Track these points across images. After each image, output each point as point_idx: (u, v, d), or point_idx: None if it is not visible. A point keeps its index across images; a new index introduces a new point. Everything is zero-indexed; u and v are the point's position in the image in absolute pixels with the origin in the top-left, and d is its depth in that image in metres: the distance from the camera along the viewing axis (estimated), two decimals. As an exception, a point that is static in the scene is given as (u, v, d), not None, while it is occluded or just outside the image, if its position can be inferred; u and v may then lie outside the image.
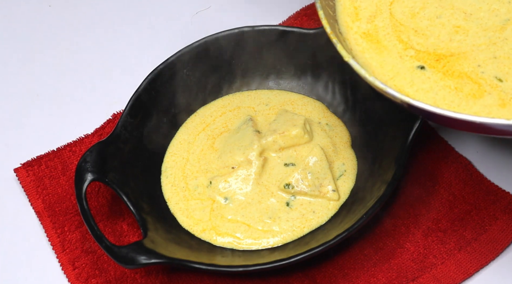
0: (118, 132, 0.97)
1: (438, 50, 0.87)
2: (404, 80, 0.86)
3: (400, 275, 0.91)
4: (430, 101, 0.84)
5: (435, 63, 0.86)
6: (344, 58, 0.84)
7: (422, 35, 0.89)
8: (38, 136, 1.05)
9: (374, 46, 0.89)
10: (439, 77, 0.85)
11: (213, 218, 0.95)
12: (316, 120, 1.01)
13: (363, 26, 0.91)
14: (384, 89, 0.81)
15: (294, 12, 1.12)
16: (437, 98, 0.84)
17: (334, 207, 0.95)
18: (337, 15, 0.92)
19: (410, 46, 0.88)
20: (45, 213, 0.98)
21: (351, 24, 0.91)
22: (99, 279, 0.93)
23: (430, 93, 0.84)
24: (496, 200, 0.95)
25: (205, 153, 1.00)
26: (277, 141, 0.98)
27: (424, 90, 0.85)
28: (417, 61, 0.87)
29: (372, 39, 0.89)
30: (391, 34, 0.89)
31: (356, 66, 0.83)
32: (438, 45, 0.87)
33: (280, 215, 0.95)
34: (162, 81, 1.01)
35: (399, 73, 0.86)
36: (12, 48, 1.14)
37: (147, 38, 1.13)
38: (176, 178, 0.99)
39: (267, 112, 1.03)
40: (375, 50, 0.88)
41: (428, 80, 0.85)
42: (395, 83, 0.86)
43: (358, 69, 0.83)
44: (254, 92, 1.05)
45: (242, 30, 1.03)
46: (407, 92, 0.85)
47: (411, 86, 0.85)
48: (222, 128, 1.02)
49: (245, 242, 0.94)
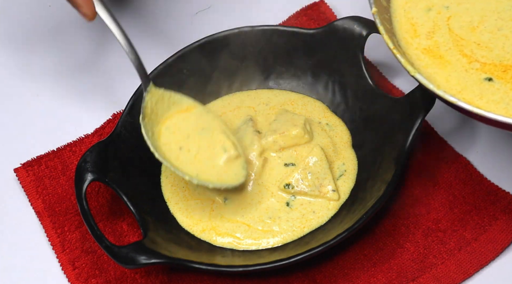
0: (118, 132, 0.97)
1: (504, 62, 0.87)
2: (473, 93, 0.86)
3: (400, 275, 0.91)
4: (502, 112, 0.84)
5: (503, 74, 0.87)
6: (410, 72, 0.85)
7: (485, 48, 0.89)
8: (38, 136, 1.05)
9: (437, 61, 0.89)
10: (509, 87, 0.86)
11: (212, 218, 0.95)
12: (316, 120, 1.01)
13: (423, 42, 0.91)
14: (455, 103, 0.82)
15: (294, 12, 1.12)
16: (508, 108, 0.84)
17: (334, 207, 0.95)
18: (395, 30, 0.92)
19: (474, 59, 0.88)
20: (45, 213, 0.98)
21: (410, 40, 0.91)
22: (99, 279, 0.93)
23: (501, 104, 0.85)
24: (496, 200, 0.95)
25: None
26: (277, 141, 0.98)
27: (494, 102, 0.85)
28: (484, 74, 0.87)
29: (434, 54, 0.89)
30: (453, 49, 0.90)
31: (423, 80, 0.84)
32: (503, 56, 0.88)
33: (280, 215, 0.95)
34: (162, 81, 1.01)
35: (466, 86, 0.87)
36: (12, 48, 1.14)
37: (147, 38, 1.13)
38: (176, 178, 0.99)
39: (267, 112, 1.03)
40: (438, 65, 0.89)
41: (498, 91, 0.86)
42: (464, 96, 0.86)
43: (426, 84, 0.84)
44: (254, 92, 1.05)
45: (242, 30, 1.03)
46: (477, 105, 0.85)
47: (480, 99, 0.86)
48: None
49: (245, 242, 0.94)
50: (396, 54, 0.86)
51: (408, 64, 0.85)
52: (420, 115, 0.93)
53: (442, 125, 1.02)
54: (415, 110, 0.94)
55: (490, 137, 1.00)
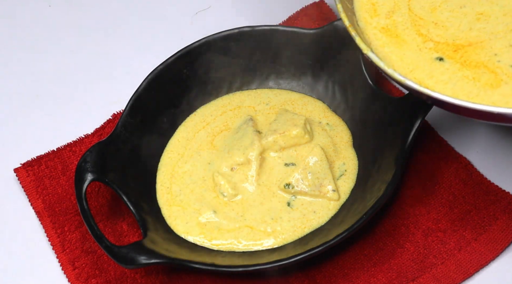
0: (118, 132, 0.97)
1: (457, 41, 0.87)
2: (423, 72, 0.86)
3: (400, 275, 0.91)
4: (449, 92, 0.84)
5: (453, 54, 0.87)
6: (363, 51, 0.85)
7: (442, 27, 0.89)
8: (38, 136, 1.05)
9: (394, 40, 0.89)
10: (457, 68, 0.86)
11: (208, 230, 0.95)
12: (316, 120, 1.01)
13: (382, 21, 0.91)
14: (403, 82, 0.82)
15: (294, 12, 1.12)
16: (455, 89, 0.84)
17: (335, 207, 0.95)
18: (355, 10, 0.92)
19: (429, 39, 0.88)
20: (45, 213, 0.98)
21: (369, 19, 0.91)
22: (99, 279, 0.93)
23: (449, 84, 0.85)
24: (496, 200, 0.95)
25: (204, 149, 1.00)
26: (278, 141, 0.98)
27: (443, 82, 0.85)
28: (436, 53, 0.87)
29: (391, 33, 0.89)
30: (410, 28, 0.90)
31: (375, 58, 0.84)
32: (457, 35, 0.88)
33: (281, 215, 0.95)
34: (162, 81, 1.01)
35: (418, 65, 0.87)
36: (12, 48, 1.14)
37: (147, 38, 1.13)
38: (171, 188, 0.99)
39: (267, 111, 1.03)
40: (394, 44, 0.89)
41: (447, 71, 0.86)
42: (415, 75, 0.86)
43: (377, 61, 0.84)
44: (254, 91, 1.05)
45: (242, 30, 1.03)
46: (426, 84, 0.85)
47: (430, 78, 0.86)
48: (223, 127, 1.02)
49: (245, 243, 0.93)
50: (351, 31, 0.86)
51: (361, 42, 0.85)
52: (420, 115, 0.93)
53: (442, 125, 1.02)
54: (415, 110, 0.94)
55: (490, 137, 1.00)
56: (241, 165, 0.97)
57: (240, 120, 1.02)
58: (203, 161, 0.99)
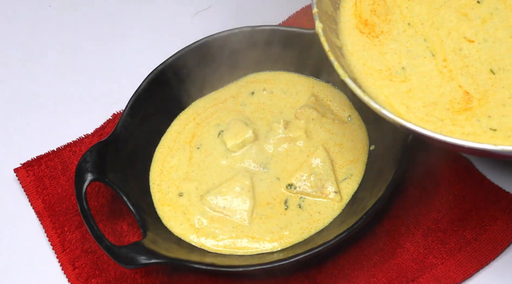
0: (118, 132, 0.97)
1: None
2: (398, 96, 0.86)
3: (400, 275, 0.91)
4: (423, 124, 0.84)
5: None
6: (341, 76, 0.85)
7: None
8: (38, 136, 1.05)
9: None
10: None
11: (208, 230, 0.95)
12: (339, 113, 1.00)
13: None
14: (378, 110, 0.82)
15: (294, 12, 1.12)
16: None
17: (339, 208, 0.94)
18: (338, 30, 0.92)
19: None
20: (45, 213, 0.98)
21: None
22: (99, 279, 0.93)
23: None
24: (496, 200, 0.95)
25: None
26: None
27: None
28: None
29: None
30: None
31: (352, 85, 0.84)
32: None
33: (291, 221, 0.94)
34: (162, 81, 1.01)
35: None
36: (12, 48, 1.14)
37: (147, 38, 1.13)
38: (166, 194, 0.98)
39: (267, 96, 1.02)
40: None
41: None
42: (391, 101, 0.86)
43: (354, 88, 0.84)
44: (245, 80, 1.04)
45: (242, 30, 1.03)
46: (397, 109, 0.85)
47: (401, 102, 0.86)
48: (213, 119, 1.01)
49: (245, 251, 0.93)
50: (330, 56, 0.86)
51: (339, 68, 0.85)
52: (420, 115, 0.93)
53: (442, 125, 1.02)
54: (415, 110, 0.94)
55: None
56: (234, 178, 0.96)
57: (232, 112, 1.01)
58: (187, 154, 0.98)
